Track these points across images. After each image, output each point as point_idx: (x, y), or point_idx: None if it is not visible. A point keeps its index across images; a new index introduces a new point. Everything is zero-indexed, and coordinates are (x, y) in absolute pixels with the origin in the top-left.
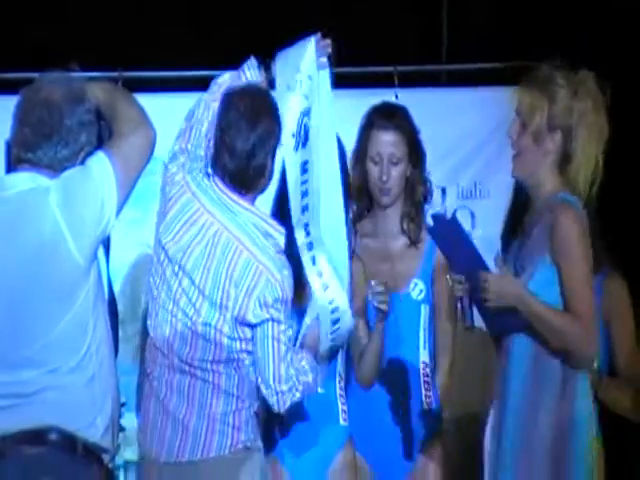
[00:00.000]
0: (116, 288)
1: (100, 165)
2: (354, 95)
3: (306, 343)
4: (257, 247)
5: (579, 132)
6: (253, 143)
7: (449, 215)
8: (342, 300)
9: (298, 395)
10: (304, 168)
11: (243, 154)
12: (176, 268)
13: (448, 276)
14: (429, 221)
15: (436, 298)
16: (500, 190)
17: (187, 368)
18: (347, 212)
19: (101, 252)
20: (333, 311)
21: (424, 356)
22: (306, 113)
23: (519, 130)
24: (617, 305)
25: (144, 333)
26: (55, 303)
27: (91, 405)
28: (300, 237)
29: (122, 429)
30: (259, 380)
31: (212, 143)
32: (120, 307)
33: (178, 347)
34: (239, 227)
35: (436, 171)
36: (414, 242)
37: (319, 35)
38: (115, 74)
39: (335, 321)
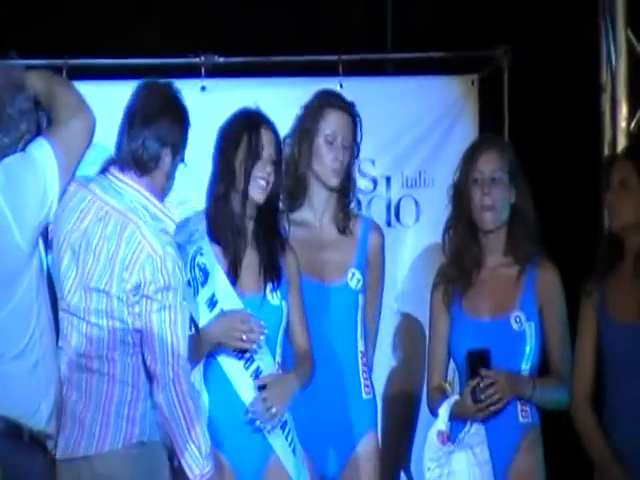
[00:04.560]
0: None
1: (41, 151)
2: (298, 83)
3: None
4: (142, 221)
5: None
6: (147, 135)
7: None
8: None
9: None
10: (212, 302)
11: (139, 140)
12: (71, 256)
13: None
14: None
15: (369, 285)
16: (444, 179)
17: (84, 362)
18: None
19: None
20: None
21: (361, 346)
22: (196, 254)
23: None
24: (550, 294)
25: None
26: None
27: (35, 391)
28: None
29: None
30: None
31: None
32: None
33: (76, 342)
34: (126, 206)
35: (381, 160)
36: (342, 231)
37: None
38: (60, 62)
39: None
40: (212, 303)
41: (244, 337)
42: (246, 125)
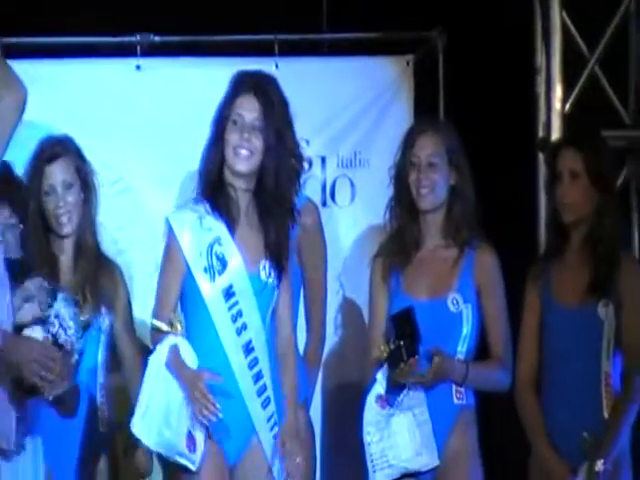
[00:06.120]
0: None
1: None
2: (234, 63)
3: None
4: None
5: None
6: None
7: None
8: None
9: None
10: (229, 292)
11: None
12: None
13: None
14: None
15: (306, 263)
16: (380, 159)
17: None
18: None
19: None
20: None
21: None
22: (214, 242)
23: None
24: (488, 276)
25: None
26: None
27: None
28: None
29: None
30: None
31: None
32: None
33: None
34: None
35: (316, 140)
36: None
37: None
38: None
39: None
40: (229, 294)
41: (42, 374)
42: (227, 94)
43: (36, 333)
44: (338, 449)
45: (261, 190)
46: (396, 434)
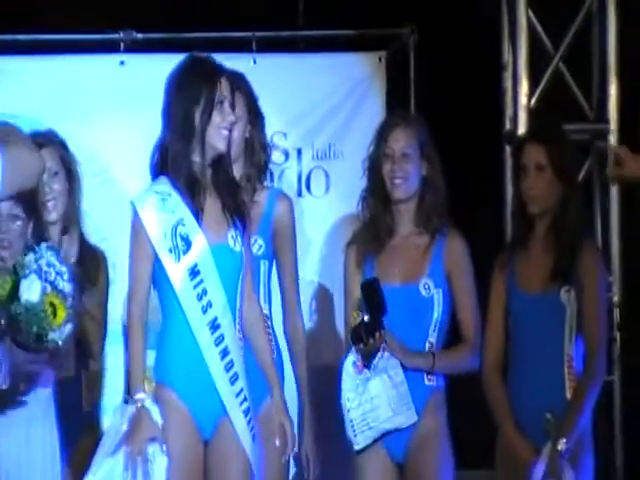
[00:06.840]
0: None
1: None
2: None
3: None
4: None
5: None
6: None
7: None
8: None
9: None
10: (194, 271)
11: None
12: None
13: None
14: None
15: (281, 253)
16: (353, 151)
17: None
18: None
19: None
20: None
21: (265, 309)
22: (178, 223)
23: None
24: (458, 261)
25: None
26: None
27: None
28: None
29: None
30: None
31: None
32: None
33: None
34: None
35: (293, 133)
36: (249, 201)
37: None
38: None
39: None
40: (194, 272)
41: None
42: (204, 77)
43: (34, 284)
44: None
45: (218, 163)
46: (374, 398)
